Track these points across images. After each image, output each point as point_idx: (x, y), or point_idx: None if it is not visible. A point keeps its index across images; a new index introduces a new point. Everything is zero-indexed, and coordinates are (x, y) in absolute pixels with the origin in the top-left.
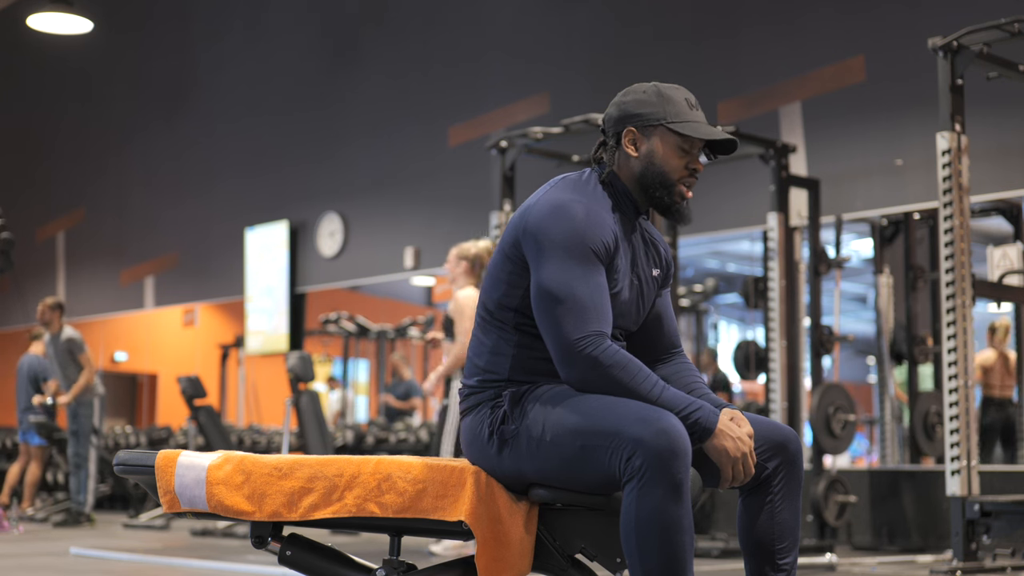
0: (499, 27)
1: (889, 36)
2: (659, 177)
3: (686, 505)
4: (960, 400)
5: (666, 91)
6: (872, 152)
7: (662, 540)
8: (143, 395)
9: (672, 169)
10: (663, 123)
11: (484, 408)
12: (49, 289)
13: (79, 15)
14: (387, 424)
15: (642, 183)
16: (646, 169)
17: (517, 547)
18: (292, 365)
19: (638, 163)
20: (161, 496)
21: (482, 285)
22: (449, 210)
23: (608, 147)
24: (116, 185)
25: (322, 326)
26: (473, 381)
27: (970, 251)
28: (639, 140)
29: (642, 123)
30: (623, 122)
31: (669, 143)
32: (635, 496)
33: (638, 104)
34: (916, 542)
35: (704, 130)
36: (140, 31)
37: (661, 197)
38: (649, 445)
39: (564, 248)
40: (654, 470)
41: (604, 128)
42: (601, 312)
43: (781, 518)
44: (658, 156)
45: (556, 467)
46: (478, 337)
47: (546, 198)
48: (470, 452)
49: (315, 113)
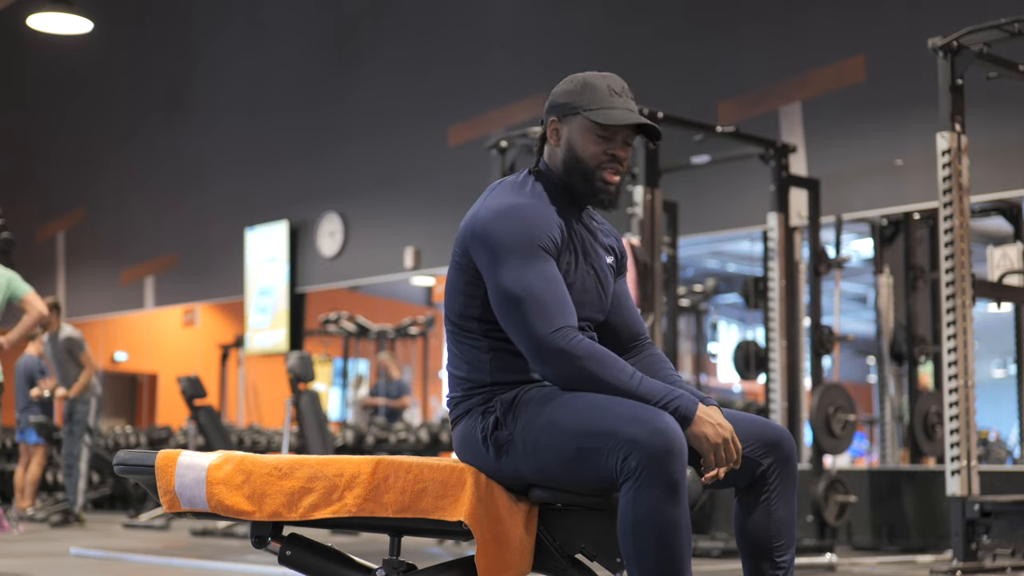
0: (499, 27)
1: (889, 36)
2: (578, 164)
3: (683, 505)
4: (960, 400)
5: (590, 79)
6: (872, 152)
7: (659, 541)
8: (143, 395)
9: (590, 156)
10: (580, 111)
11: (475, 414)
12: (49, 289)
13: (79, 15)
14: (387, 424)
15: (566, 171)
16: (567, 157)
17: (517, 547)
18: (292, 365)
19: (560, 152)
20: (161, 496)
21: (444, 298)
22: (449, 210)
23: (540, 134)
24: (116, 185)
25: (322, 326)
26: (459, 392)
27: (970, 251)
28: (560, 130)
29: (562, 112)
30: (548, 113)
31: (586, 130)
32: (631, 497)
33: (561, 94)
34: (916, 542)
35: (616, 115)
36: (140, 31)
37: (583, 184)
38: (644, 445)
39: (514, 249)
40: (650, 470)
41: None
42: (563, 305)
43: (777, 516)
44: (577, 144)
45: (553, 469)
46: (452, 350)
47: (488, 204)
48: (465, 456)
49: (315, 113)
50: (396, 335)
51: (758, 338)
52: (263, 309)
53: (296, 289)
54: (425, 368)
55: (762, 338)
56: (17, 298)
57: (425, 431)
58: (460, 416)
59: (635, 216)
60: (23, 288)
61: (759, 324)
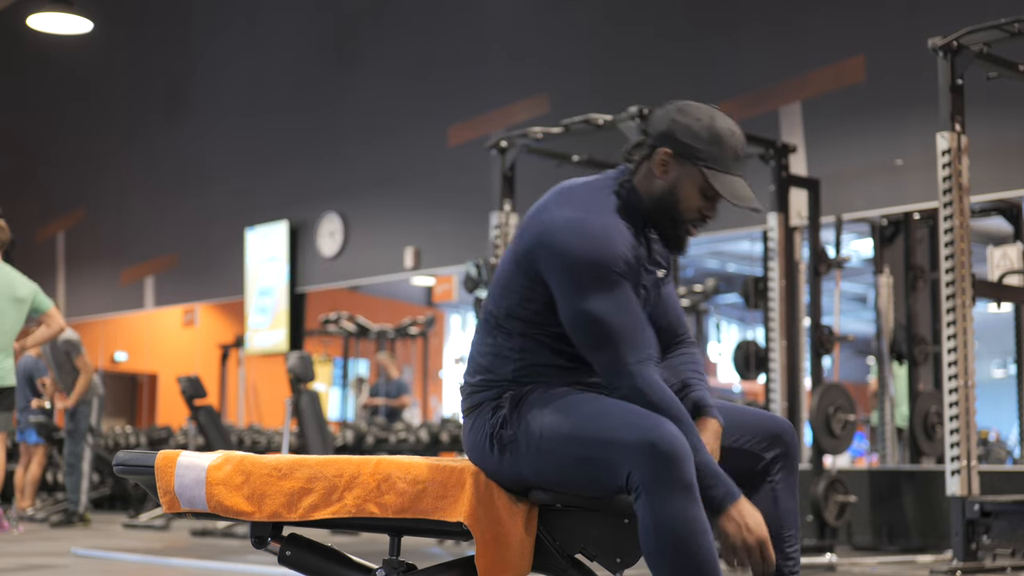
0: (499, 27)
1: (889, 36)
2: (672, 210)
3: (700, 505)
4: (960, 400)
5: (721, 131)
6: (872, 152)
7: (686, 545)
8: (143, 395)
9: (688, 208)
10: (700, 164)
11: (486, 409)
12: (49, 289)
13: (79, 15)
14: (387, 424)
15: (655, 207)
16: (665, 196)
17: (517, 548)
18: (292, 365)
19: (659, 185)
20: (161, 496)
21: (489, 290)
22: (449, 210)
23: (642, 150)
24: (116, 185)
25: (322, 326)
26: (476, 380)
27: (970, 251)
28: (670, 165)
29: (680, 151)
30: (665, 140)
31: (696, 183)
32: (648, 507)
33: (686, 132)
34: (916, 542)
35: (736, 190)
36: (140, 31)
37: (667, 227)
38: (647, 453)
39: (592, 273)
40: (662, 477)
41: (647, 129)
42: (642, 334)
43: (784, 507)
44: (681, 191)
45: (554, 473)
46: (483, 339)
47: (562, 213)
48: (472, 454)
49: (315, 113)
50: (396, 335)
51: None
52: (263, 309)
53: (296, 289)
54: (425, 368)
55: (762, 338)
56: (40, 312)
57: (425, 431)
58: (472, 408)
59: None
60: (46, 303)
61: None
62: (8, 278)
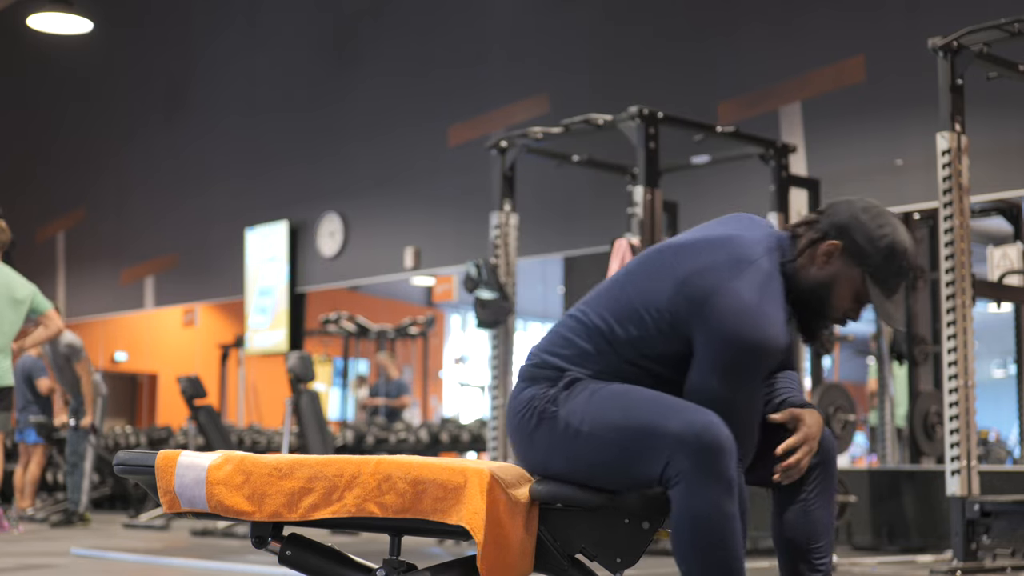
0: (499, 27)
1: (889, 36)
2: (822, 303)
3: (736, 504)
4: (960, 400)
5: (896, 247)
6: (872, 152)
7: (717, 540)
8: (143, 395)
9: (838, 307)
10: (868, 271)
11: (543, 384)
12: (49, 289)
13: (79, 15)
14: (387, 424)
15: (807, 295)
16: (819, 289)
17: (518, 548)
18: (292, 365)
19: (817, 275)
20: (161, 496)
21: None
22: (449, 210)
23: (814, 231)
24: (116, 185)
25: (322, 326)
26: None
27: (970, 251)
28: (834, 258)
29: (851, 249)
30: (840, 233)
31: (854, 287)
32: (686, 497)
33: (863, 235)
34: (916, 542)
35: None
36: (140, 31)
37: (809, 316)
38: (693, 444)
39: (744, 368)
40: (701, 469)
41: (821, 217)
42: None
43: (816, 516)
44: (837, 288)
45: (586, 457)
46: (572, 338)
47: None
48: (510, 420)
49: (315, 113)
50: (396, 335)
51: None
52: (263, 309)
53: (296, 289)
54: (425, 368)
55: None
56: (38, 312)
57: (425, 431)
58: (531, 379)
59: (635, 216)
60: (45, 304)
61: None
62: (7, 279)
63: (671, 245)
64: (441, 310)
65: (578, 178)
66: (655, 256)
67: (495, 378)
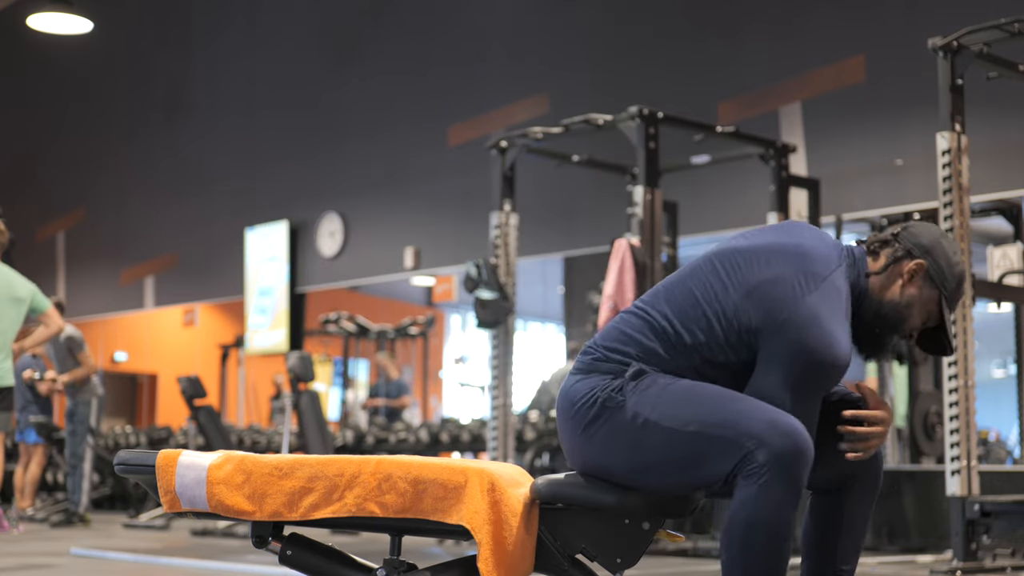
0: (499, 27)
1: (889, 36)
2: (901, 321)
3: (795, 511)
4: (960, 400)
5: (962, 276)
6: (872, 152)
7: (771, 542)
8: (143, 395)
9: (910, 326)
10: (942, 292)
11: (604, 376)
12: (49, 289)
13: (79, 15)
14: (387, 424)
15: (882, 311)
16: (897, 306)
17: (518, 548)
18: (292, 365)
19: (897, 294)
20: (162, 496)
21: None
22: (449, 210)
23: (894, 250)
24: (116, 185)
25: (322, 326)
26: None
27: (970, 251)
28: (917, 280)
29: (933, 271)
30: (927, 255)
31: (925, 307)
32: (754, 493)
33: (946, 259)
34: (916, 542)
35: (952, 329)
36: (140, 31)
37: (882, 332)
38: (775, 444)
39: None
40: (778, 469)
41: (900, 234)
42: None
43: (852, 522)
44: (914, 308)
45: (653, 449)
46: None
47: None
48: (562, 416)
49: (315, 112)
50: (396, 335)
51: None
52: (263, 309)
53: (296, 289)
54: (425, 368)
55: None
56: (38, 312)
57: (425, 431)
58: (590, 370)
59: (635, 216)
60: (45, 303)
61: None
62: (7, 279)
63: (738, 250)
64: (441, 310)
65: (578, 178)
66: (722, 258)
67: (495, 378)
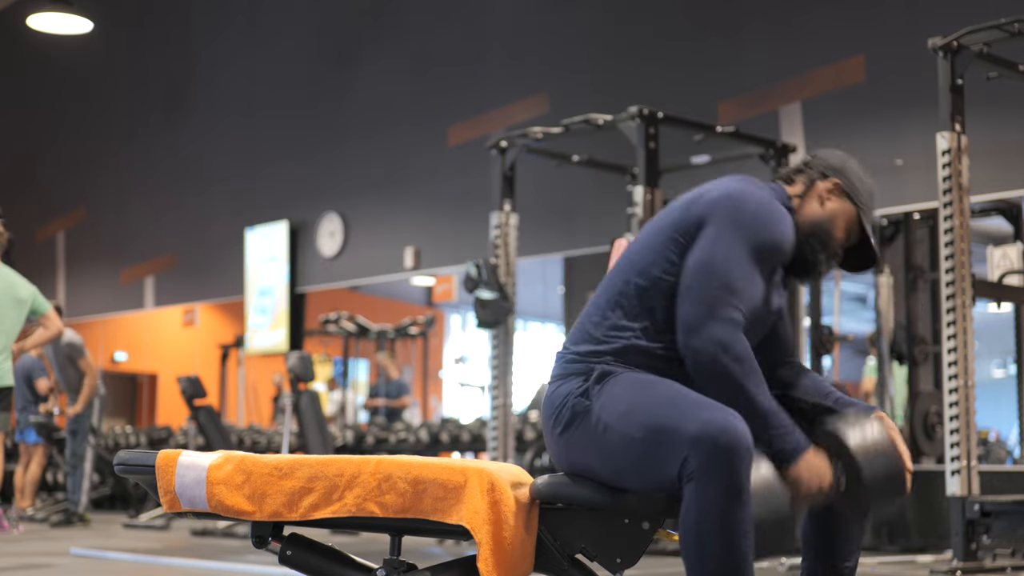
0: (499, 27)
1: (889, 36)
2: (827, 236)
3: (748, 507)
4: (960, 400)
5: (871, 192)
6: (872, 152)
7: (722, 543)
8: (143, 395)
9: (837, 242)
10: (858, 204)
11: (575, 379)
12: (49, 289)
13: (79, 15)
14: (387, 424)
15: (811, 228)
16: (824, 221)
17: (518, 549)
18: (292, 365)
19: (820, 214)
20: (161, 496)
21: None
22: (449, 210)
23: (807, 176)
24: (116, 185)
25: (322, 326)
26: (582, 349)
27: (970, 251)
28: (835, 197)
29: (848, 188)
30: (838, 173)
31: (849, 221)
32: (693, 496)
33: (855, 174)
34: (916, 542)
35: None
36: (140, 31)
37: (813, 252)
38: (706, 444)
39: (752, 240)
40: (711, 470)
41: (811, 161)
42: (748, 302)
43: (848, 520)
44: (836, 224)
45: (613, 454)
46: (602, 310)
47: (751, 192)
48: (546, 421)
49: (315, 112)
50: (396, 335)
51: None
52: (263, 309)
53: (296, 289)
54: (425, 368)
55: None
56: (38, 314)
57: (425, 431)
58: (562, 376)
59: (635, 216)
60: (45, 305)
61: None
62: (8, 280)
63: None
64: (441, 310)
65: (578, 178)
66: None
67: (495, 378)
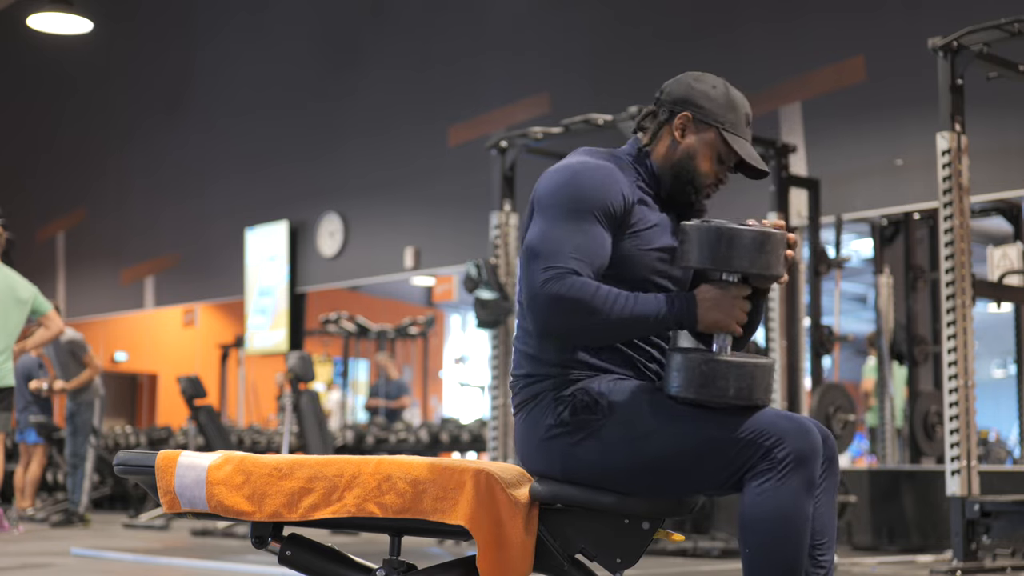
0: (499, 27)
1: (889, 36)
2: (692, 173)
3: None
4: (960, 400)
5: (736, 99)
6: (872, 152)
7: (790, 535)
8: (143, 395)
9: (705, 172)
10: (719, 127)
11: (546, 398)
12: (49, 289)
13: (79, 15)
14: (387, 424)
15: (674, 171)
16: (682, 161)
17: (518, 549)
18: (292, 365)
19: (678, 151)
20: (161, 496)
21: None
22: (449, 210)
23: (656, 119)
24: (116, 185)
25: (322, 326)
26: (521, 372)
27: (970, 251)
28: (688, 129)
29: (701, 115)
30: (684, 104)
31: (713, 146)
32: (772, 488)
33: (705, 96)
34: (916, 542)
35: (748, 150)
36: (140, 31)
37: (685, 193)
38: (795, 440)
39: (559, 207)
40: (797, 465)
41: (660, 98)
42: (577, 252)
43: (819, 513)
44: (698, 154)
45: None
46: (522, 326)
47: (562, 168)
48: (527, 448)
49: (315, 113)
50: (396, 335)
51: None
52: (263, 309)
53: (296, 289)
54: (425, 368)
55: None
56: (39, 314)
57: (425, 431)
58: (526, 401)
59: None
60: (46, 305)
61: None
62: (9, 280)
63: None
64: (441, 310)
65: None
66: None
67: (495, 378)
